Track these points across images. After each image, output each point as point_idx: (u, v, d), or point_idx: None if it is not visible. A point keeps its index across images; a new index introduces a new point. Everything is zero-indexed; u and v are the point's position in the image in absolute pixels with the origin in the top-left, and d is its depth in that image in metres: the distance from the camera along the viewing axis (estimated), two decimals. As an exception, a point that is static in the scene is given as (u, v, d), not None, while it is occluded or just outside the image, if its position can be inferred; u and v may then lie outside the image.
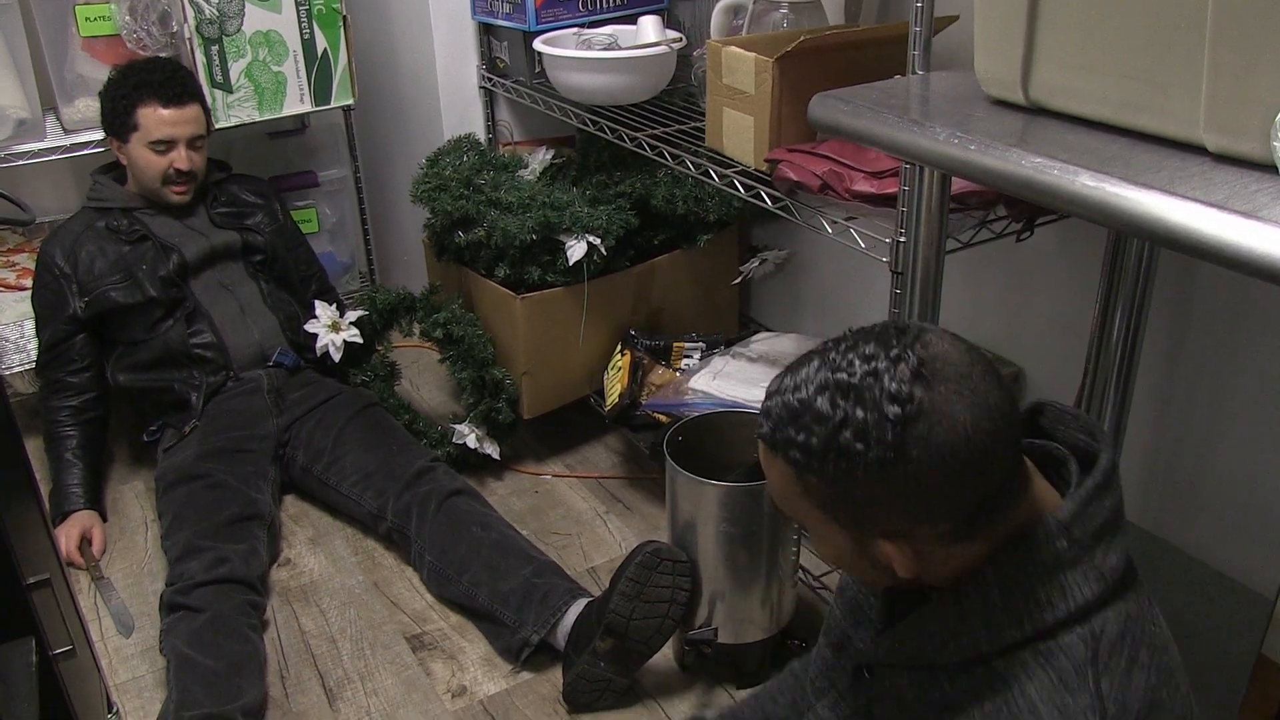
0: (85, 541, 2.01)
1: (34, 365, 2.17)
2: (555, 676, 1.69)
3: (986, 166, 0.95)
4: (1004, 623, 0.82)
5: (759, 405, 1.37)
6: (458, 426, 2.15)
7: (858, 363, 0.78)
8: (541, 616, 1.69)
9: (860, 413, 0.76)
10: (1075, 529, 0.81)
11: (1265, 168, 0.82)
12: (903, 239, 1.36)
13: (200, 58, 2.21)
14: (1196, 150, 0.87)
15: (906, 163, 1.30)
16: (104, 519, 2.09)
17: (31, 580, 0.96)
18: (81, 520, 2.02)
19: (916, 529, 0.81)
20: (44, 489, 2.05)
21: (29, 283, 2.19)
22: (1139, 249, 1.43)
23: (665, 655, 1.70)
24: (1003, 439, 0.79)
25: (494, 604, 1.75)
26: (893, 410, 0.76)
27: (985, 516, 0.81)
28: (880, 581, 0.92)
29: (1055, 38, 0.98)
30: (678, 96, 2.09)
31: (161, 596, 1.76)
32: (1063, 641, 0.81)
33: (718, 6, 1.83)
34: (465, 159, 2.21)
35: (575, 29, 2.14)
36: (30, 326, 2.22)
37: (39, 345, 2.11)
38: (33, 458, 1.79)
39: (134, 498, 2.20)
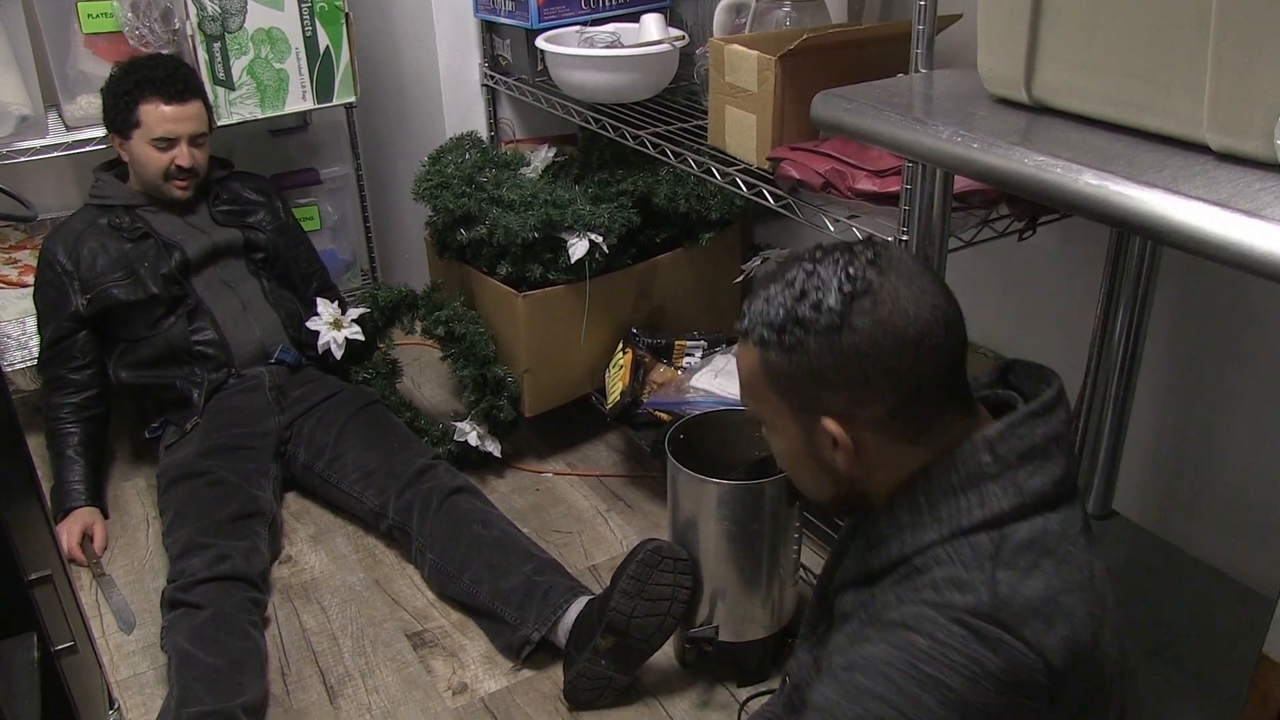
0: (87, 538, 2.01)
1: (36, 362, 2.17)
2: (556, 674, 1.69)
3: (989, 165, 0.95)
4: (926, 524, 0.90)
5: None
6: (459, 424, 2.15)
7: (822, 254, 0.91)
8: (542, 614, 1.69)
9: (818, 287, 0.88)
10: (1000, 446, 0.89)
11: (1268, 166, 0.82)
12: (905, 237, 1.36)
13: (202, 55, 2.20)
14: (1199, 149, 0.87)
15: (909, 161, 1.30)
16: (105, 516, 2.10)
17: (33, 576, 0.96)
18: (83, 517, 2.02)
19: (857, 411, 0.89)
20: (45, 486, 2.05)
21: (31, 280, 2.19)
22: (1141, 248, 1.43)
23: (666, 653, 1.70)
24: (940, 336, 0.88)
25: (495, 602, 1.75)
26: (846, 286, 0.87)
27: (917, 412, 0.89)
28: (825, 492, 0.98)
29: (1058, 36, 0.98)
30: (680, 95, 2.09)
31: (163, 593, 1.76)
32: (973, 540, 0.87)
33: (720, 4, 1.83)
34: (467, 157, 2.21)
35: (578, 27, 2.14)
36: (32, 323, 2.22)
37: (41, 342, 2.11)
38: (34, 454, 1.79)
39: (135, 494, 2.20)
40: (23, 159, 2.17)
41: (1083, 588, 0.86)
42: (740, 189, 1.65)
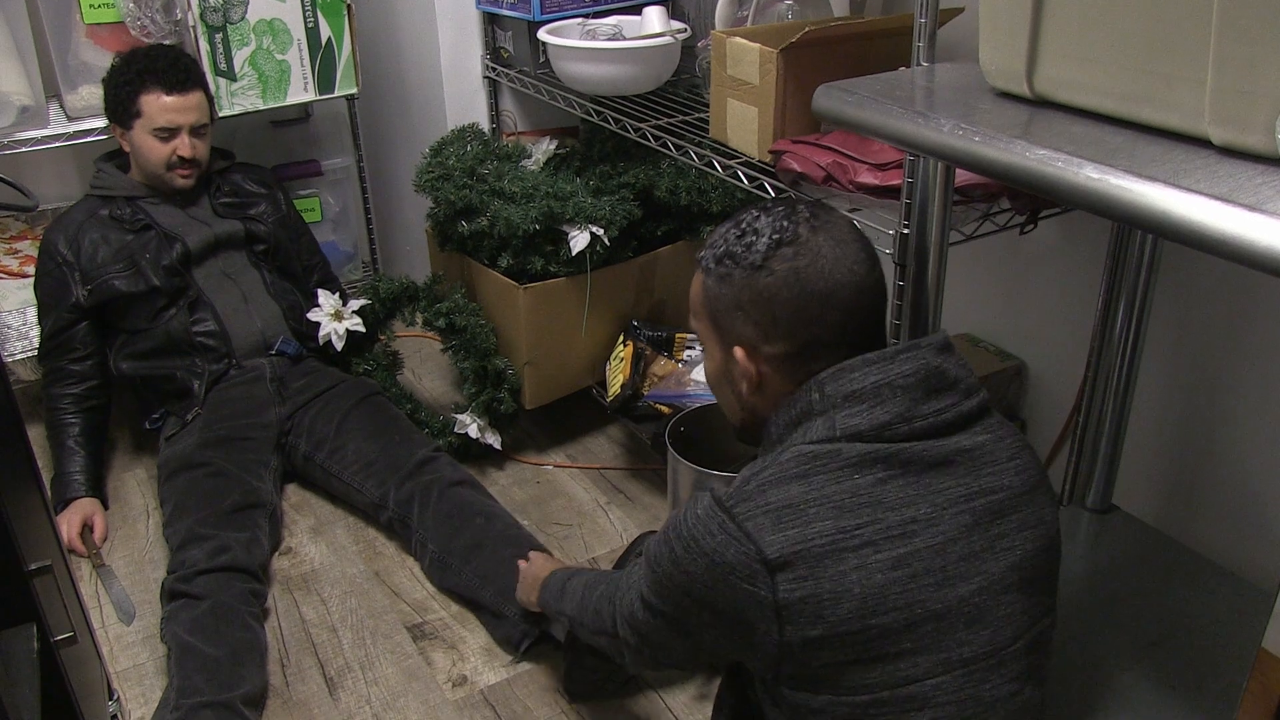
0: (87, 529, 2.01)
1: (36, 353, 2.17)
2: (556, 666, 1.70)
3: (991, 158, 0.95)
4: (770, 450, 1.02)
5: None
6: (459, 416, 2.15)
7: (772, 204, 1.03)
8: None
9: (756, 230, 1.00)
10: (828, 386, 0.98)
11: (1270, 160, 0.81)
12: (906, 231, 1.36)
13: (204, 45, 2.20)
14: (1201, 143, 0.87)
15: (910, 154, 1.30)
16: (105, 506, 2.10)
17: (33, 567, 0.96)
18: (83, 507, 2.03)
19: (761, 346, 1.01)
20: (46, 476, 2.05)
21: (32, 270, 2.19)
22: (1142, 241, 1.42)
23: (665, 646, 1.70)
24: (848, 296, 0.99)
25: (495, 596, 1.75)
26: (775, 234, 0.99)
27: (810, 357, 1.00)
28: (734, 415, 1.10)
29: (1060, 30, 0.97)
30: (682, 87, 2.09)
31: (163, 584, 1.76)
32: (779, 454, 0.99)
33: (722, -3, 1.82)
34: (469, 149, 2.21)
35: (580, 19, 2.14)
36: (33, 314, 2.22)
37: (41, 333, 2.11)
38: (35, 445, 1.79)
39: (136, 485, 2.20)
40: (24, 149, 2.16)
41: (843, 507, 0.93)
42: (741, 182, 1.65)
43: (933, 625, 0.94)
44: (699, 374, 1.93)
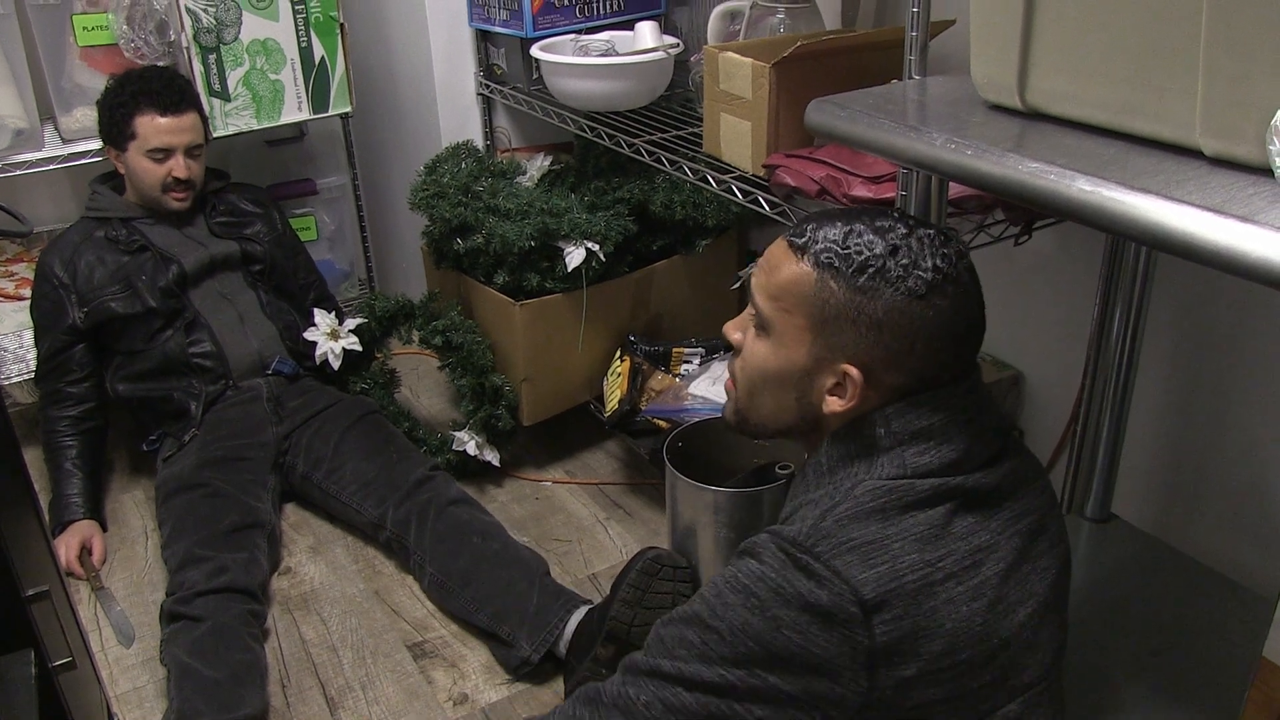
0: (85, 551, 2.00)
1: (33, 375, 2.16)
2: (557, 684, 1.69)
3: (983, 171, 0.95)
4: (822, 483, 0.97)
5: None
6: (457, 434, 2.15)
7: (915, 224, 0.95)
8: (540, 634, 1.68)
9: (911, 252, 0.92)
10: (895, 423, 0.95)
11: (1262, 171, 0.82)
12: (901, 243, 1.36)
13: (198, 66, 2.21)
14: (1193, 154, 0.87)
15: (903, 168, 1.30)
16: (104, 529, 2.09)
17: (31, 592, 0.96)
18: (81, 530, 2.02)
19: (884, 372, 0.95)
20: (43, 499, 2.05)
21: (28, 293, 2.19)
22: (1137, 251, 1.43)
23: (666, 661, 1.69)
24: (974, 344, 0.97)
25: (493, 621, 1.74)
26: (941, 264, 0.92)
27: (917, 392, 0.95)
28: (782, 419, 1.03)
29: (1051, 43, 0.98)
30: (675, 102, 2.10)
31: (162, 606, 1.75)
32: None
33: (714, 12, 1.83)
34: (463, 166, 2.22)
35: (573, 35, 2.15)
36: (29, 336, 2.22)
37: (38, 355, 2.11)
38: (32, 468, 1.79)
39: (134, 507, 2.20)
40: (18, 172, 2.17)
41: (925, 540, 0.91)
42: (736, 196, 1.65)
43: (1005, 655, 0.93)
44: (696, 388, 1.93)
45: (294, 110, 2.37)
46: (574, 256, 2.00)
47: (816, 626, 0.88)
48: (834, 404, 0.97)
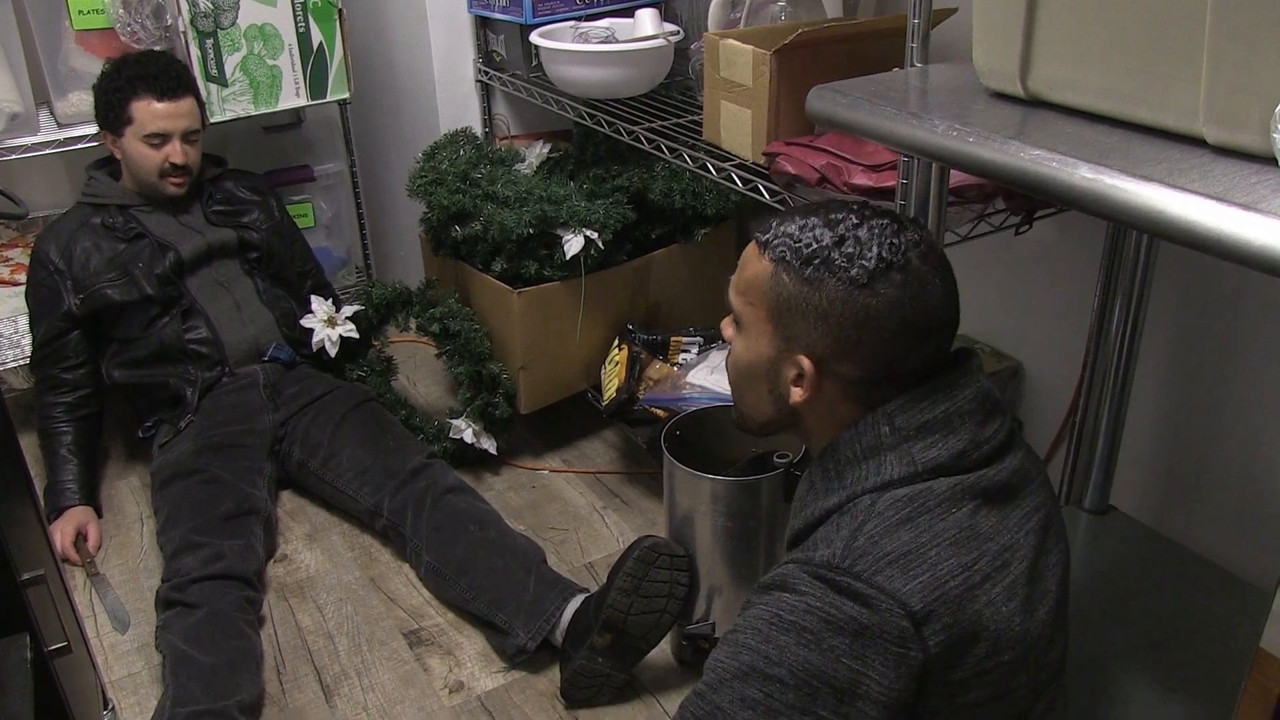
0: (81, 537, 2.00)
1: (28, 361, 2.16)
2: (553, 672, 1.69)
3: (985, 159, 0.95)
4: (834, 489, 0.96)
5: None
6: (454, 421, 2.14)
7: (871, 212, 0.95)
8: (536, 623, 1.68)
9: (858, 243, 0.93)
10: (898, 419, 0.94)
11: (1265, 160, 0.81)
12: (901, 232, 1.36)
13: (195, 51, 2.19)
14: (1196, 142, 0.87)
15: (904, 156, 1.30)
16: (99, 515, 2.09)
17: (26, 577, 0.96)
18: (77, 516, 2.01)
19: (835, 362, 0.95)
20: (39, 485, 2.04)
21: (23, 278, 2.18)
22: (1138, 241, 1.42)
23: (663, 650, 1.69)
24: (941, 336, 0.96)
25: (490, 609, 1.74)
26: (886, 253, 0.92)
27: (879, 384, 0.95)
28: (762, 413, 1.04)
29: (1054, 30, 0.97)
30: (675, 90, 2.09)
31: (157, 592, 1.75)
32: (860, 502, 0.94)
33: (715, -1, 1.82)
34: (462, 153, 2.21)
35: (572, 22, 2.14)
36: (24, 322, 2.21)
37: (33, 342, 2.10)
38: (27, 454, 1.78)
39: (129, 493, 2.19)
40: (13, 156, 2.16)
41: (958, 543, 0.90)
42: (736, 184, 1.64)
43: (1035, 653, 0.93)
44: (694, 377, 1.93)
45: (291, 96, 2.36)
46: (572, 244, 1.99)
47: (873, 650, 0.85)
48: (796, 394, 0.98)
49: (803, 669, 0.86)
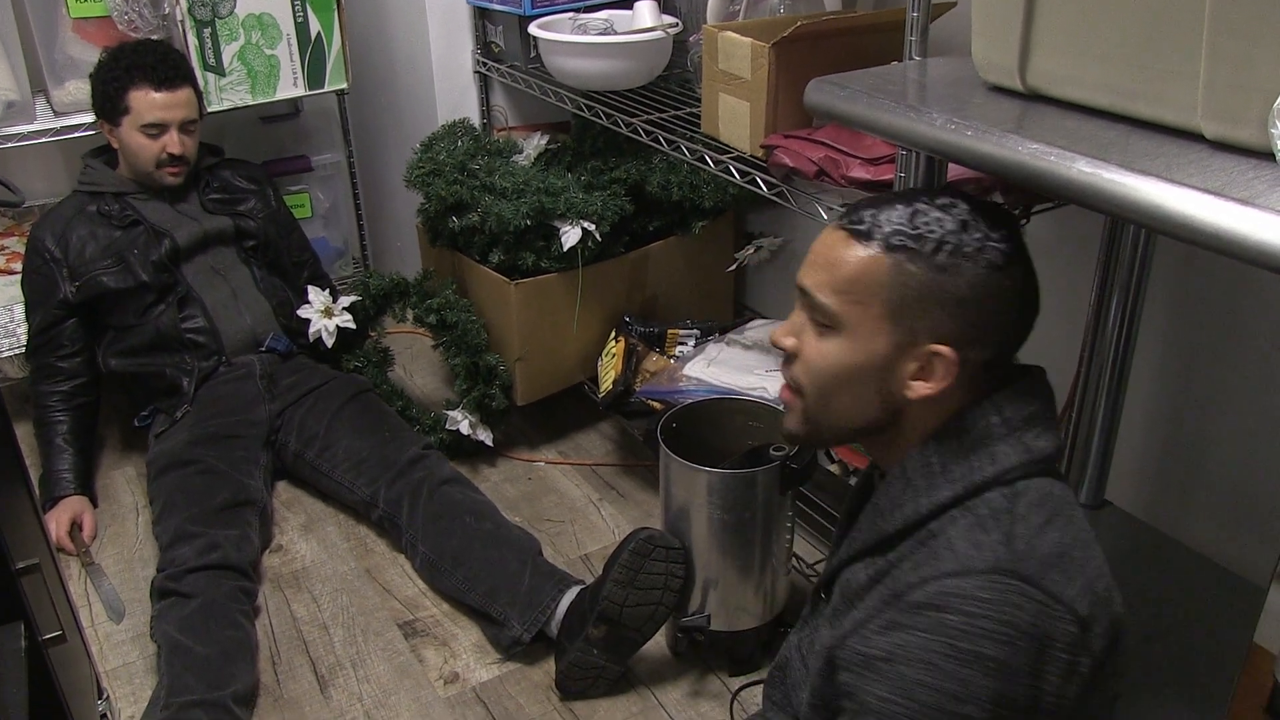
0: (76, 527, 2.00)
1: (24, 350, 2.15)
2: (548, 664, 1.69)
3: (983, 152, 0.95)
4: (940, 484, 0.92)
5: (753, 393, 1.39)
6: (451, 413, 2.14)
7: (973, 202, 0.93)
8: (532, 614, 1.68)
9: (984, 228, 0.90)
10: (1007, 410, 0.93)
11: (1263, 155, 0.81)
12: (898, 226, 1.35)
13: (192, 40, 2.19)
14: (1194, 137, 0.87)
15: (902, 149, 1.30)
16: (95, 504, 2.09)
17: (21, 565, 0.96)
18: (72, 505, 2.01)
19: (969, 347, 0.91)
20: (34, 474, 2.04)
21: (19, 267, 2.18)
22: (1135, 236, 1.42)
23: (658, 643, 1.70)
24: (1034, 317, 0.96)
25: (485, 600, 1.74)
26: (1008, 235, 0.91)
27: (995, 365, 0.94)
28: (863, 415, 0.97)
29: (1053, 24, 0.97)
30: (673, 82, 2.08)
31: (153, 582, 1.75)
32: (986, 496, 0.90)
33: (714, -9, 1.82)
34: (460, 144, 2.20)
35: (571, 13, 2.13)
36: (20, 311, 2.21)
37: (29, 330, 2.10)
38: (23, 443, 1.78)
39: (125, 483, 2.19)
40: (10, 145, 2.15)
41: (1089, 544, 0.89)
42: (733, 177, 1.64)
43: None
44: (691, 370, 1.93)
45: (289, 86, 2.35)
46: (570, 236, 1.99)
47: (1049, 662, 0.83)
48: (921, 388, 0.92)
49: (993, 700, 0.82)
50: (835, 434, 1.00)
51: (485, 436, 2.16)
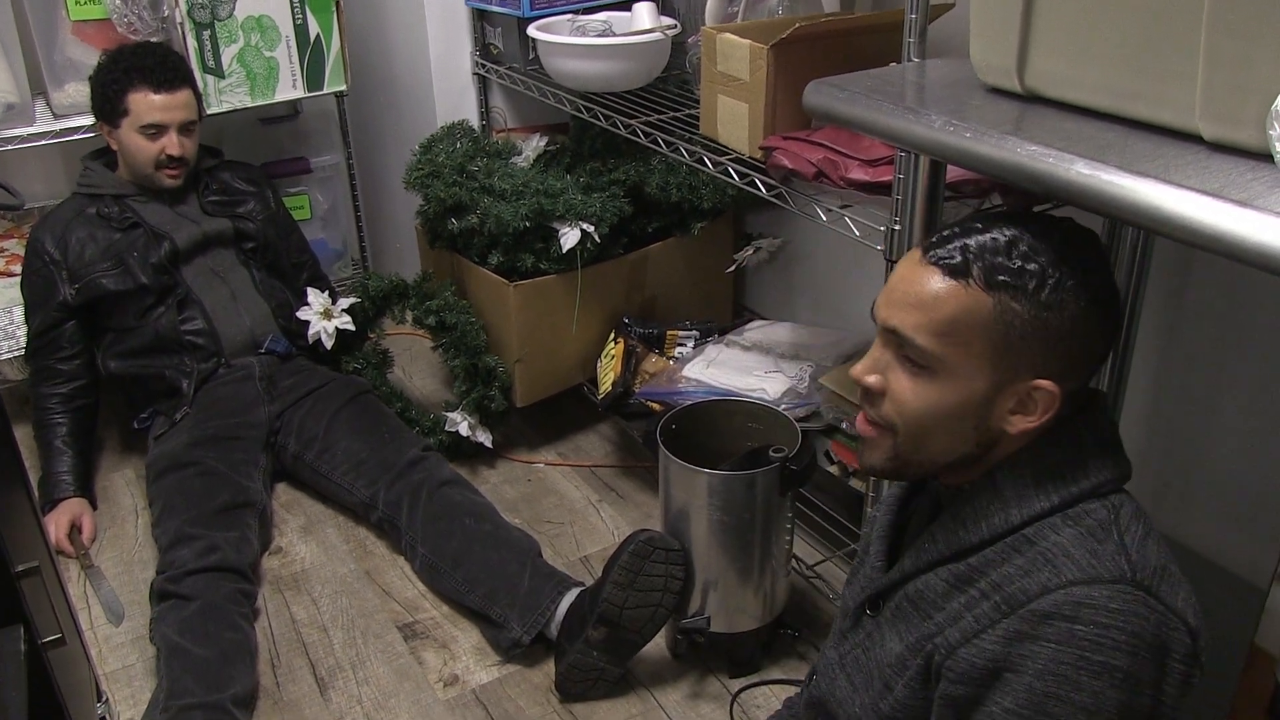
0: (75, 529, 2.00)
1: (24, 352, 2.15)
2: (548, 666, 1.69)
3: (981, 154, 0.94)
4: (1033, 496, 0.91)
5: (752, 394, 1.36)
6: (450, 414, 2.14)
7: (1049, 223, 0.91)
8: (531, 616, 1.68)
9: (1080, 262, 0.88)
10: (1094, 427, 0.93)
11: (1261, 156, 0.81)
12: (897, 227, 1.36)
13: (192, 42, 2.19)
14: (1193, 139, 0.87)
15: (901, 150, 1.30)
16: (94, 507, 2.09)
17: (20, 568, 0.96)
18: (71, 508, 2.01)
19: (1067, 378, 0.90)
20: (33, 476, 2.04)
21: (18, 269, 2.18)
22: (1133, 239, 1.42)
23: (658, 644, 1.70)
24: None
25: (485, 602, 1.74)
26: (1093, 261, 0.89)
27: (1080, 392, 0.93)
28: (955, 450, 0.94)
29: (1051, 25, 0.97)
30: (672, 83, 2.09)
31: (152, 585, 1.75)
32: (1086, 507, 0.90)
33: (713, -7, 1.82)
34: (459, 146, 2.20)
35: (569, 15, 2.13)
36: (20, 313, 2.21)
37: (28, 332, 2.10)
38: (22, 445, 1.78)
39: (124, 485, 2.19)
40: (9, 147, 2.15)
41: (1173, 558, 0.89)
42: (732, 178, 1.64)
43: None
44: (690, 371, 1.93)
45: (289, 88, 2.35)
46: (569, 237, 1.99)
47: (1168, 674, 0.83)
48: (1022, 423, 0.91)
49: (1119, 712, 0.82)
50: (925, 469, 0.98)
51: (484, 438, 2.16)
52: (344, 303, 2.23)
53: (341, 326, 2.21)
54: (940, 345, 0.89)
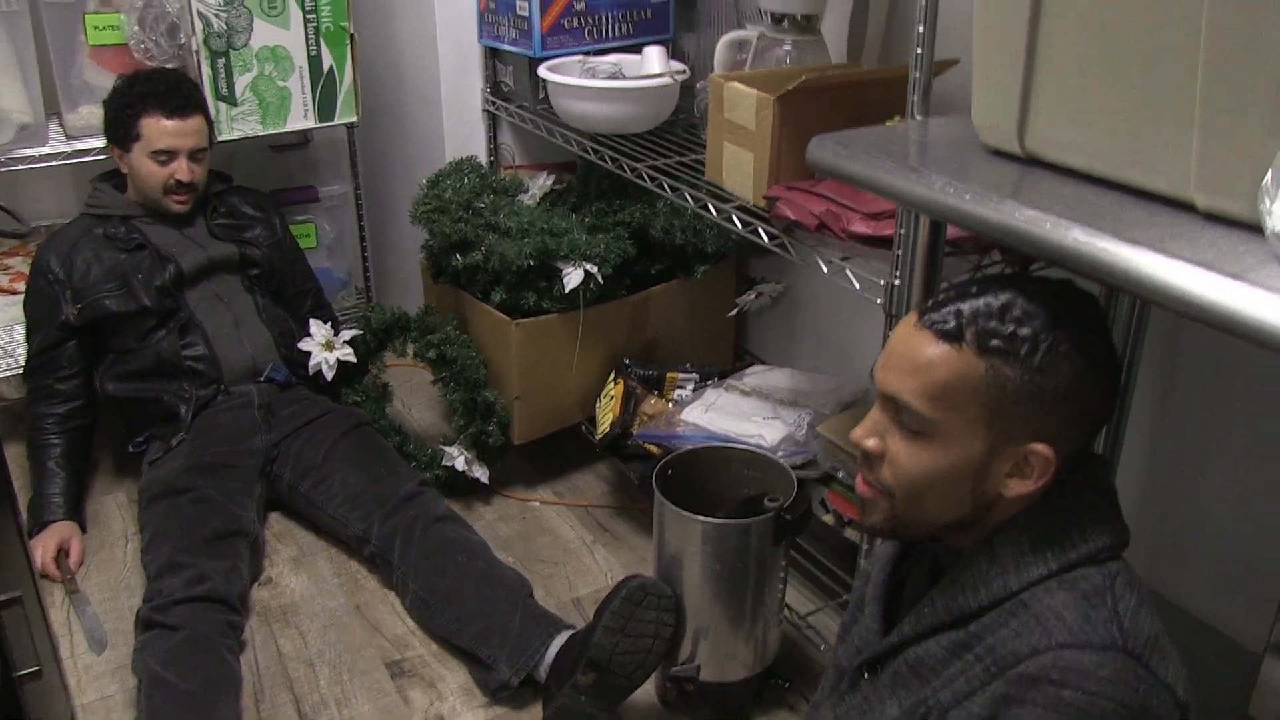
0: (62, 553, 1.98)
1: (22, 371, 2.15)
2: (535, 708, 1.67)
3: (980, 217, 0.95)
4: (1031, 562, 0.90)
5: (750, 440, 1.34)
6: (448, 448, 2.13)
7: (1052, 284, 0.91)
8: (521, 659, 1.66)
9: (1073, 316, 0.88)
10: (1092, 492, 0.93)
11: (1253, 228, 0.81)
12: (897, 282, 1.36)
13: (206, 70, 2.21)
14: (1187, 208, 0.87)
15: (903, 207, 1.30)
16: (84, 530, 2.07)
17: (1, 599, 0.95)
18: (60, 531, 2.00)
19: (1065, 440, 0.90)
20: (24, 497, 2.03)
21: (22, 287, 2.18)
22: (1131, 303, 1.42)
23: (647, 691, 1.68)
24: None
25: (474, 642, 1.72)
26: (1096, 322, 0.90)
27: (1079, 453, 0.93)
28: (953, 513, 0.94)
29: (1051, 91, 0.98)
30: (679, 127, 2.10)
31: (138, 613, 1.73)
32: (1081, 572, 0.89)
33: (722, 40, 1.83)
34: (466, 181, 2.21)
35: (580, 57, 2.15)
36: (20, 332, 2.21)
37: (28, 350, 2.10)
38: (14, 464, 1.77)
39: (116, 510, 2.18)
40: (21, 166, 2.17)
41: (1166, 632, 0.88)
42: (736, 226, 1.65)
43: None
44: (689, 414, 1.92)
45: (300, 118, 2.37)
46: (572, 277, 1.99)
47: None
48: (1018, 486, 0.91)
49: None
50: (923, 530, 0.98)
51: (481, 473, 2.15)
52: (346, 334, 2.23)
53: (343, 358, 2.21)
54: (934, 410, 0.90)
